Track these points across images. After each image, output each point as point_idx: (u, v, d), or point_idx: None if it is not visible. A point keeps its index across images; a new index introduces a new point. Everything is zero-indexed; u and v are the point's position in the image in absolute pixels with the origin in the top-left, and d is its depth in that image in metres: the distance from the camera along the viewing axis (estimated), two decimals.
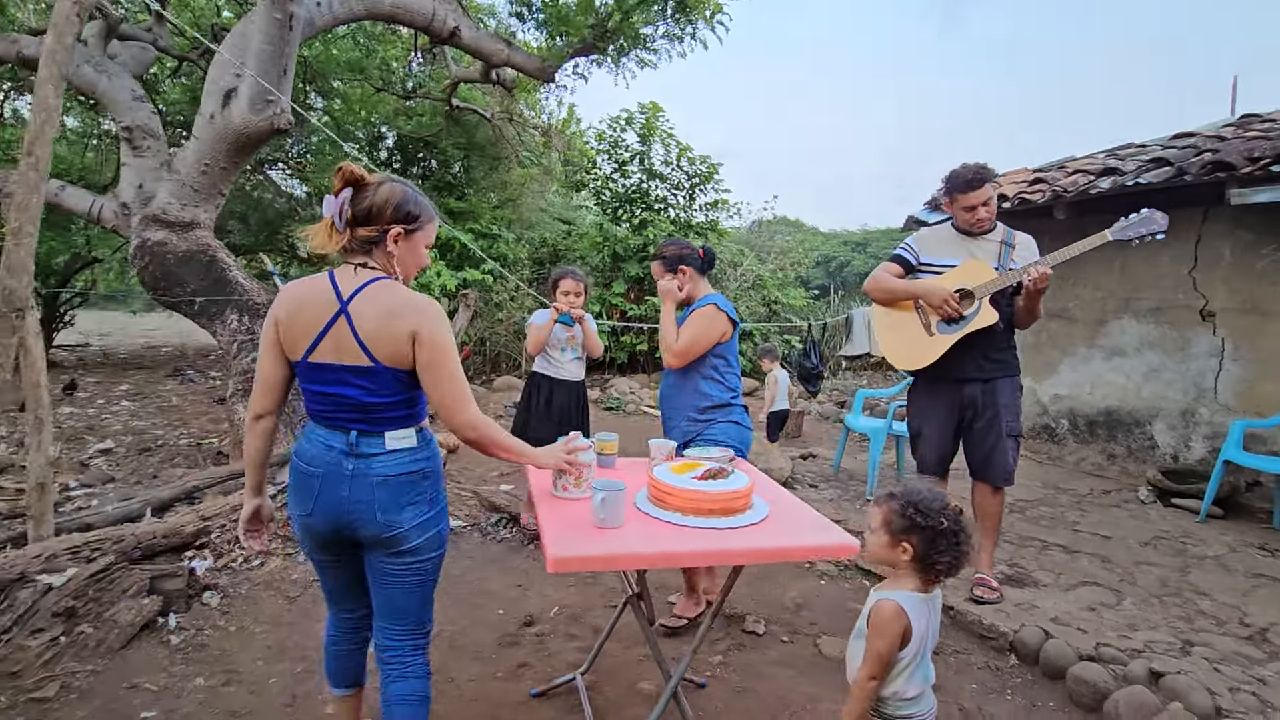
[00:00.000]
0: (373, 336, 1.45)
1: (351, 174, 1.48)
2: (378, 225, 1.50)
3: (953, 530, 1.47)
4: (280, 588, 2.88)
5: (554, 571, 1.51)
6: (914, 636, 1.49)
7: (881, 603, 1.50)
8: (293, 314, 1.49)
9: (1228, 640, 2.54)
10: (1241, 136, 4.23)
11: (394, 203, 1.51)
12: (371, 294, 1.47)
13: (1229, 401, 4.25)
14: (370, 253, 1.52)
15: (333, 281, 1.49)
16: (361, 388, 1.47)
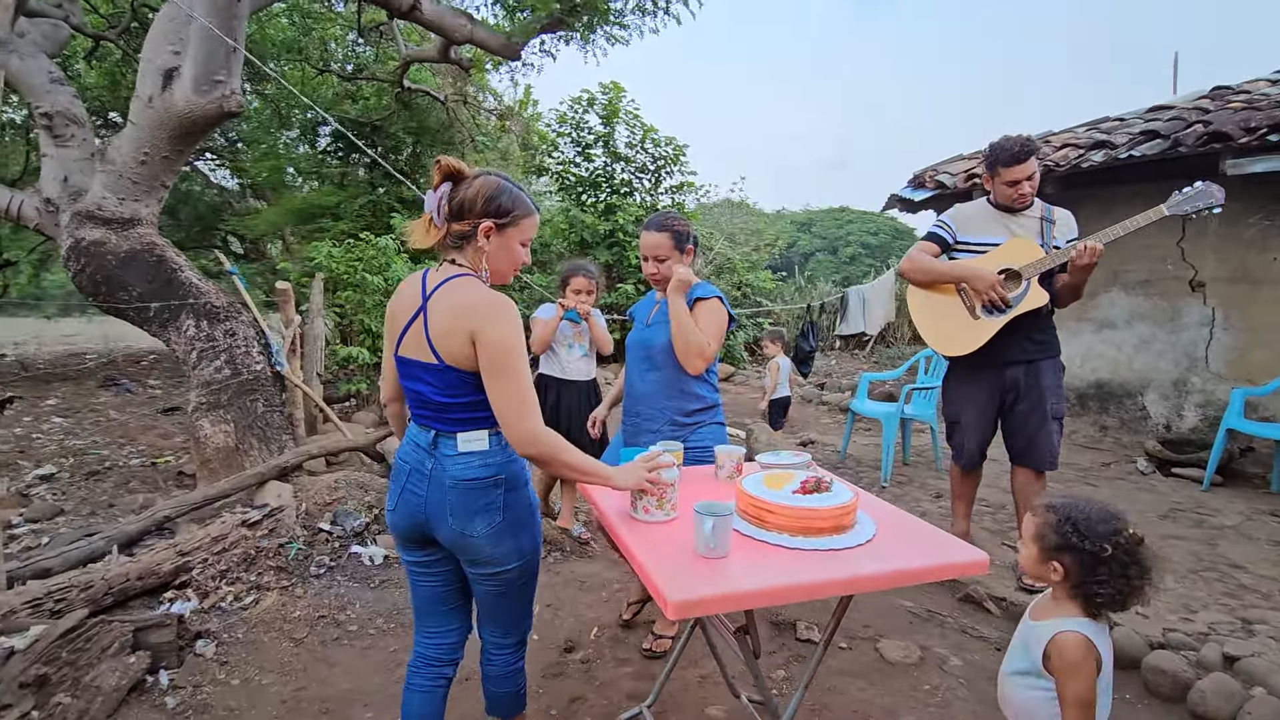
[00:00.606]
0: (440, 335, 1.43)
1: (450, 167, 1.45)
2: (469, 220, 1.46)
3: (1121, 560, 1.29)
4: (283, 628, 2.57)
5: (675, 618, 1.29)
6: (1104, 668, 1.32)
7: (1067, 637, 1.31)
8: (394, 307, 1.53)
9: (1277, 615, 2.53)
10: (1227, 108, 4.28)
11: (485, 196, 1.46)
12: (448, 291, 1.44)
13: (1220, 370, 4.34)
14: (463, 249, 1.49)
15: (424, 277, 1.49)
16: (432, 385, 1.46)
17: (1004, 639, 2.57)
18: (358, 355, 5.94)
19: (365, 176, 10.63)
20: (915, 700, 2.20)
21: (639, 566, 1.43)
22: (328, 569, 3.00)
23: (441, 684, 1.66)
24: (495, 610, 1.59)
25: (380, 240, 6.47)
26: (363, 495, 3.55)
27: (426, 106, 10.17)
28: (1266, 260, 4.13)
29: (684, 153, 9.20)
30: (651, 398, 2.28)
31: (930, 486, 4.10)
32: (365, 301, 6.23)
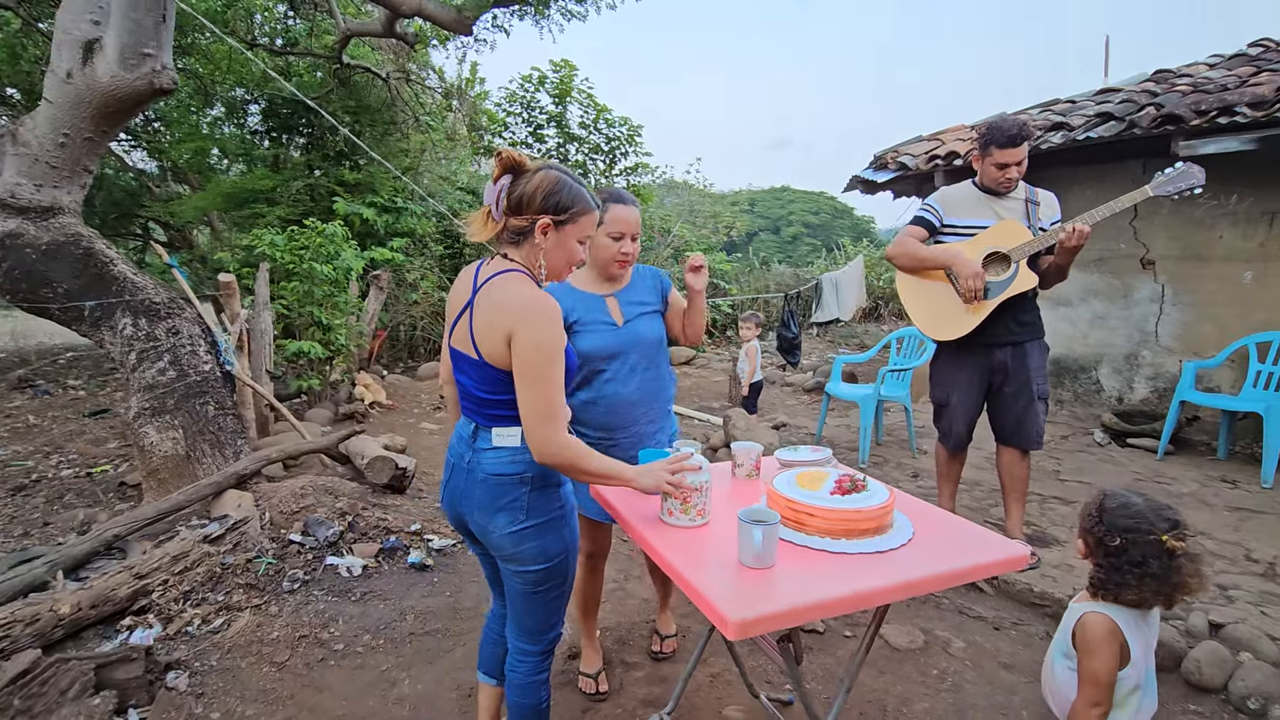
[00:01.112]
0: (480, 330, 1.42)
1: (511, 160, 1.42)
2: (527, 215, 1.43)
3: (1138, 558, 1.34)
4: (261, 651, 2.39)
5: (737, 639, 1.22)
6: (1134, 656, 1.34)
7: (1090, 617, 1.37)
8: (451, 296, 1.55)
9: (1250, 579, 2.67)
10: (1175, 91, 4.44)
11: (544, 191, 1.42)
12: (495, 286, 1.42)
13: (1169, 344, 4.55)
14: (519, 244, 1.47)
15: (477, 270, 1.48)
16: (473, 380, 1.47)
17: (1000, 618, 2.62)
18: (309, 350, 5.63)
19: (301, 159, 10.05)
20: (926, 687, 2.22)
21: (686, 584, 1.35)
22: (302, 583, 2.82)
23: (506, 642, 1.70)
24: (521, 611, 1.57)
25: (328, 227, 6.11)
26: (333, 501, 3.35)
27: (366, 84, 9.67)
28: (1213, 238, 4.33)
29: (639, 133, 9.05)
30: (651, 399, 2.09)
31: (906, 466, 4.17)
32: (314, 292, 5.90)
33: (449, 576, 2.98)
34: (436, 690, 2.20)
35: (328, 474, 4.08)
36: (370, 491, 3.65)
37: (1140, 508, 1.38)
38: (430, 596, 2.81)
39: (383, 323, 8.46)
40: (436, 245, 9.91)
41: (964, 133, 5.59)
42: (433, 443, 5.31)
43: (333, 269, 6.04)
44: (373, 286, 7.68)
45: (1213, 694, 2.12)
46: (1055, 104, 5.44)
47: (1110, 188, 4.72)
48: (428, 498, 3.83)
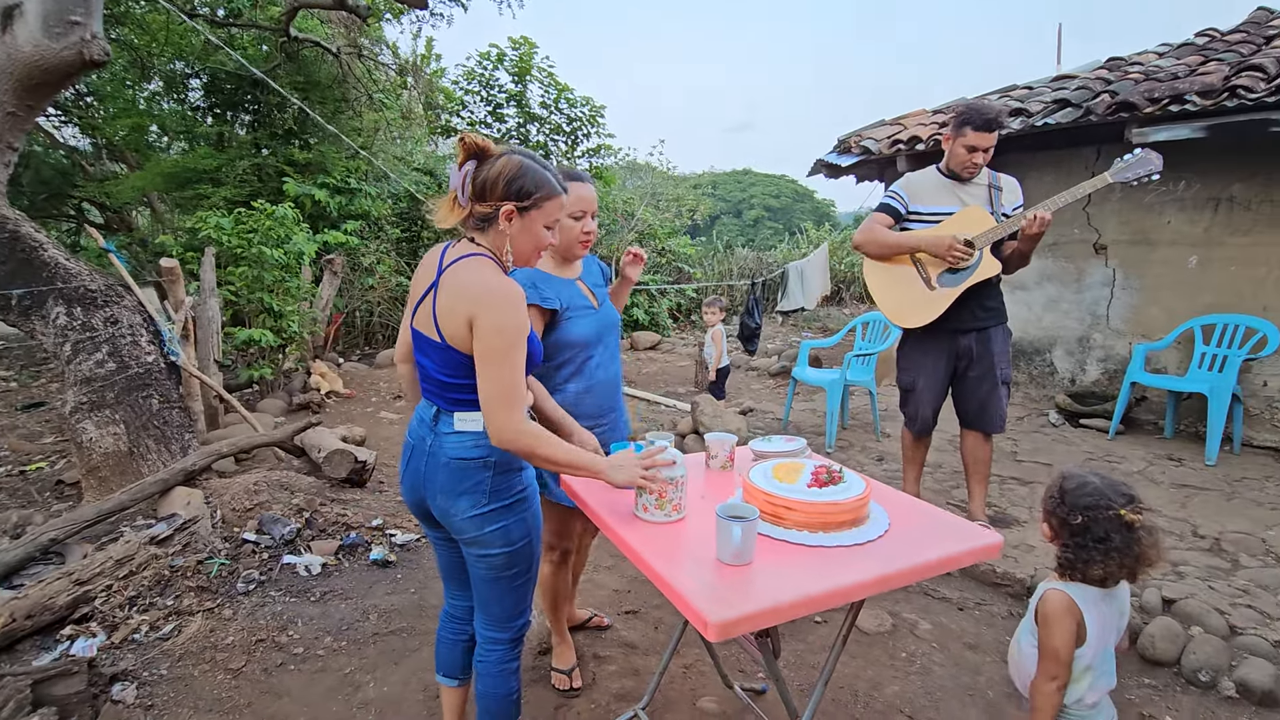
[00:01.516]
0: (443, 313, 1.40)
1: (475, 145, 1.39)
2: (491, 202, 1.41)
3: (1095, 535, 1.37)
4: (215, 658, 2.28)
5: (718, 640, 1.19)
6: (1089, 635, 1.37)
7: (1049, 593, 1.40)
8: (416, 277, 1.52)
9: (1198, 555, 2.78)
10: (1128, 79, 4.53)
11: (506, 177, 1.40)
12: (458, 270, 1.41)
13: (1119, 326, 4.70)
14: (485, 230, 1.45)
15: (443, 252, 1.47)
16: (435, 362, 1.46)
17: (964, 598, 2.67)
18: (260, 338, 5.40)
19: (247, 137, 9.61)
20: (895, 670, 2.25)
21: (663, 583, 1.31)
22: (258, 584, 2.70)
23: (463, 639, 1.72)
24: (486, 597, 1.57)
25: (278, 209, 5.84)
26: (289, 498, 3.22)
27: (315, 59, 9.26)
28: (1162, 223, 4.46)
29: (601, 114, 8.90)
30: (620, 379, 2.14)
31: (871, 450, 4.22)
32: (264, 277, 5.65)
33: (413, 573, 2.90)
34: (403, 692, 2.14)
35: (282, 468, 3.93)
36: (329, 486, 3.53)
37: (1098, 485, 1.41)
38: (394, 594, 2.72)
39: (338, 308, 8.19)
40: (393, 228, 9.62)
41: (925, 117, 5.63)
42: (393, 433, 5.16)
43: (284, 253, 5.79)
44: (326, 271, 7.41)
45: (1166, 667, 2.20)
46: (1014, 89, 5.52)
47: (1067, 173, 4.83)
48: (389, 491, 3.72)
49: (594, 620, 2.48)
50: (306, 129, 9.63)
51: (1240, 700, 2.04)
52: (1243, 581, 2.55)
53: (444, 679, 1.76)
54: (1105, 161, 4.70)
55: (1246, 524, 3.05)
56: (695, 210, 10.93)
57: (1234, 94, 3.71)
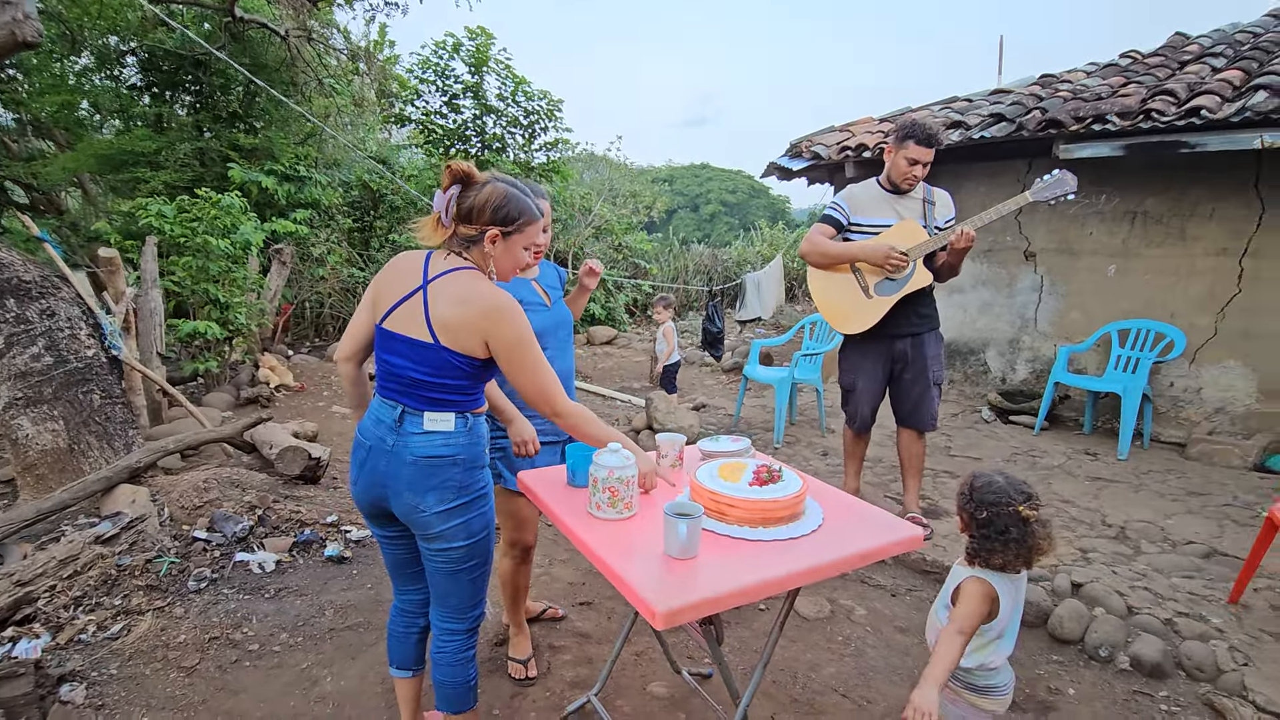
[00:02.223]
0: (443, 320, 1.49)
1: (461, 171, 1.50)
2: (477, 225, 1.52)
3: (998, 528, 1.53)
4: (167, 656, 2.28)
5: (665, 628, 1.30)
6: (1001, 612, 1.54)
7: (975, 580, 1.55)
8: (389, 278, 1.57)
9: (1105, 542, 3.03)
10: (1057, 96, 4.82)
11: (493, 204, 1.52)
12: (454, 281, 1.50)
13: (1046, 329, 5.01)
14: (469, 249, 1.55)
15: (426, 260, 1.55)
16: (414, 362, 1.52)
17: (897, 585, 2.86)
18: (205, 330, 5.26)
19: (189, 119, 9.25)
20: (832, 652, 2.41)
21: (614, 576, 1.41)
22: (209, 582, 2.69)
23: (414, 631, 1.79)
24: (445, 590, 1.65)
25: (224, 198, 5.69)
26: (240, 495, 3.20)
27: (262, 40, 8.97)
28: (1085, 234, 4.78)
29: (559, 108, 8.88)
30: (570, 375, 2.22)
31: (816, 445, 4.41)
32: (210, 268, 5.50)
33: (369, 568, 2.93)
34: (361, 686, 2.19)
35: (232, 465, 3.88)
36: (281, 483, 3.51)
37: (1001, 484, 1.58)
38: (350, 590, 2.76)
39: (287, 299, 8.00)
40: (345, 218, 9.42)
41: (872, 125, 5.85)
42: (345, 428, 5.12)
43: (230, 243, 5.64)
44: (274, 261, 7.24)
45: (1072, 645, 2.42)
46: (954, 101, 5.79)
47: (1001, 183, 5.11)
48: (343, 488, 3.71)
49: (549, 612, 2.57)
50: (253, 112, 9.33)
51: (1133, 673, 2.27)
52: (1142, 566, 2.81)
53: (397, 672, 1.82)
54: (1036, 173, 4.99)
55: (1149, 513, 3.34)
56: (652, 207, 11.02)
57: (1149, 116, 4.01)
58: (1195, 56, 4.88)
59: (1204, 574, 2.74)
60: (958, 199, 5.03)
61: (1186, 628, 2.37)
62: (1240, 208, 4.18)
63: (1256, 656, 2.23)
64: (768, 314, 8.38)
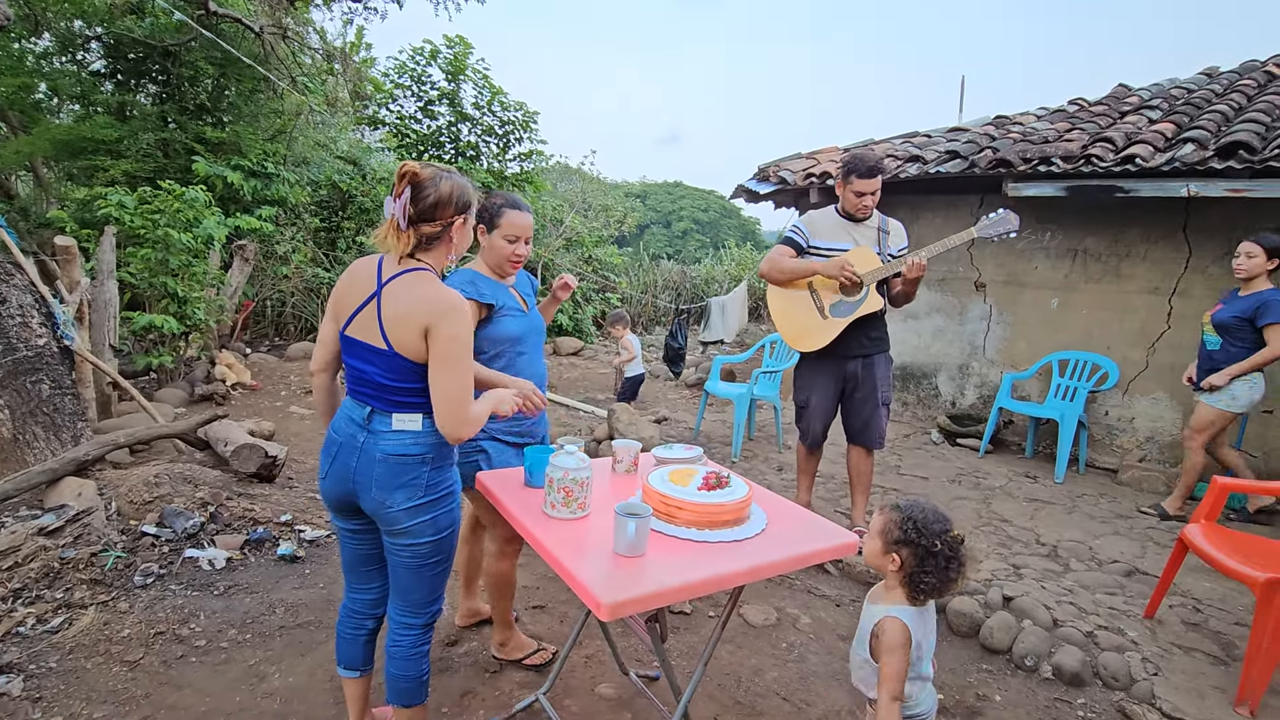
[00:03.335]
0: (392, 322, 1.53)
1: (413, 175, 1.52)
2: (442, 220, 1.56)
3: (945, 555, 1.50)
4: (110, 650, 2.25)
5: (609, 620, 1.36)
6: (913, 645, 1.53)
7: (888, 622, 1.52)
8: (346, 286, 1.61)
9: (1037, 559, 3.20)
10: (1008, 137, 5.10)
11: (456, 195, 1.58)
12: (404, 282, 1.54)
13: (993, 357, 5.25)
14: (431, 249, 1.59)
15: (379, 265, 1.58)
16: (377, 368, 1.56)
17: (841, 595, 2.97)
18: (162, 324, 5.16)
19: (154, 109, 9.06)
20: (776, 658, 2.50)
21: (565, 571, 1.48)
22: (156, 578, 2.66)
23: (363, 633, 1.82)
24: (406, 585, 1.68)
25: (188, 191, 5.60)
26: (192, 491, 3.16)
27: (235, 35, 8.87)
28: (1030, 268, 5.04)
29: (535, 119, 8.97)
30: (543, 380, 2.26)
31: (773, 460, 4.54)
32: (170, 261, 5.40)
33: (322, 568, 2.92)
34: (309, 682, 2.19)
35: (184, 461, 3.82)
36: (235, 480, 3.47)
37: (937, 511, 1.56)
38: (302, 589, 2.75)
39: (248, 296, 7.86)
40: (312, 217, 9.32)
41: (836, 154, 6.08)
42: (304, 428, 5.07)
43: (192, 237, 5.55)
44: (237, 257, 7.12)
45: (1001, 655, 2.56)
46: (915, 136, 6.05)
47: (955, 216, 5.35)
48: (300, 487, 3.69)
49: None
50: (221, 106, 9.19)
51: (1055, 681, 2.41)
52: (1069, 582, 2.97)
53: (345, 671, 1.83)
54: (988, 208, 5.24)
55: (1080, 534, 3.52)
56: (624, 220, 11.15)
57: (1089, 161, 4.28)
58: (1135, 107, 5.22)
59: (1125, 591, 2.92)
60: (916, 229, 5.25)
61: (1105, 640, 2.52)
62: (1171, 250, 4.48)
63: (1166, 667, 2.39)
64: (730, 337, 8.59)
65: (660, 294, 11.51)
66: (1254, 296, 3.48)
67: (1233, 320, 3.53)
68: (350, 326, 1.59)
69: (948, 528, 1.54)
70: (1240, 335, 3.51)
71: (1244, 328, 3.49)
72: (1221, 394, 3.54)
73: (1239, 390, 3.51)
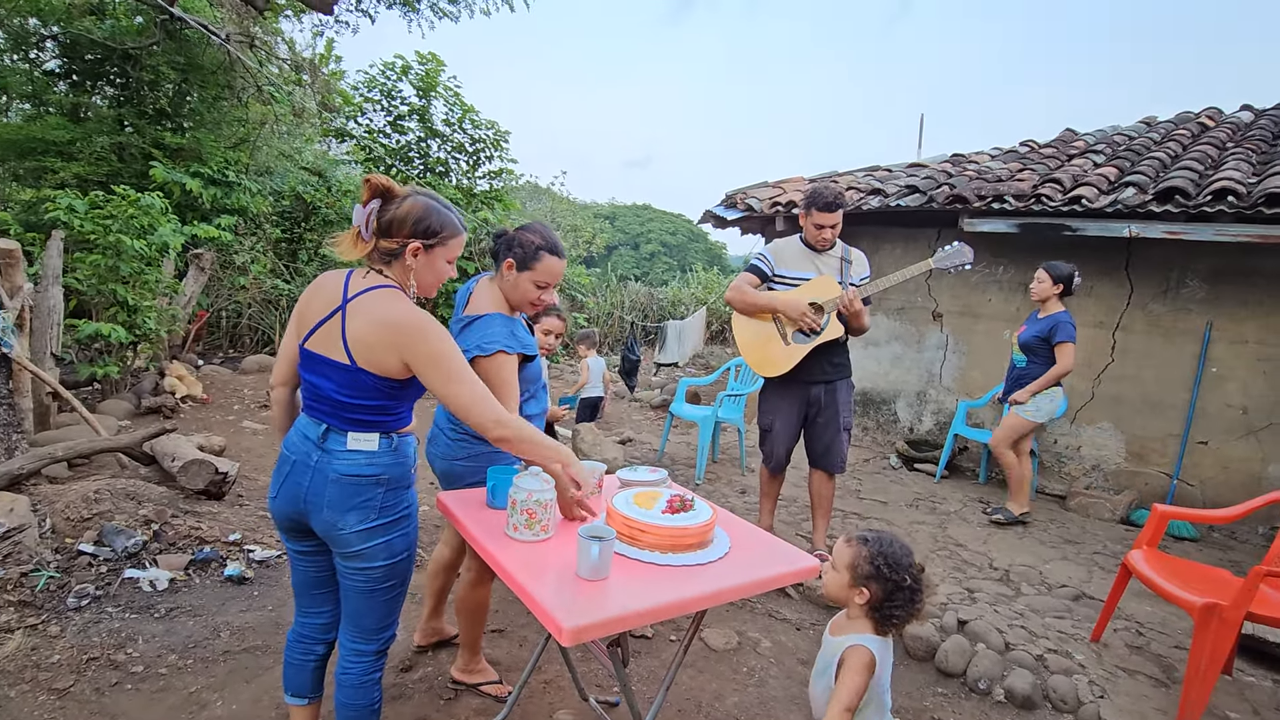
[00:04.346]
0: (357, 339, 1.48)
1: (380, 185, 1.50)
2: (398, 238, 1.53)
3: (912, 589, 1.52)
4: (37, 678, 2.12)
5: (570, 645, 1.35)
6: (879, 673, 1.55)
7: (857, 649, 1.53)
8: (309, 299, 1.57)
9: (990, 584, 3.27)
10: (965, 174, 5.32)
11: (414, 217, 1.53)
12: (371, 300, 1.50)
13: (949, 385, 5.40)
14: (391, 264, 1.56)
15: (346, 279, 1.54)
16: (336, 384, 1.51)
17: (802, 619, 2.99)
18: (110, 332, 4.96)
19: (110, 112, 8.81)
20: (737, 682, 2.49)
21: (525, 595, 1.46)
22: (92, 599, 2.53)
23: (312, 659, 1.75)
24: (358, 610, 1.62)
25: (144, 197, 5.44)
26: (135, 508, 3.03)
27: (200, 41, 8.70)
28: (984, 300, 5.22)
29: (506, 139, 8.99)
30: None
31: (736, 483, 4.56)
32: (121, 268, 5.22)
33: (271, 590, 2.82)
34: (254, 710, 2.10)
35: (127, 476, 3.65)
36: (182, 497, 3.33)
37: (901, 542, 1.58)
38: (249, 611, 2.64)
39: (202, 306, 7.63)
40: (273, 228, 9.13)
41: (802, 184, 6.23)
42: (255, 443, 4.91)
43: (146, 244, 5.38)
44: (192, 266, 6.92)
45: (956, 678, 2.60)
46: (876, 170, 6.26)
47: (914, 248, 5.52)
48: (250, 505, 3.56)
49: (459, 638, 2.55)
50: (182, 112, 8.99)
51: (1007, 704, 2.46)
52: (1021, 606, 3.05)
53: (293, 699, 1.77)
54: (945, 241, 5.43)
55: (1031, 558, 3.62)
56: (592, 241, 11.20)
57: (1039, 200, 4.48)
58: (1081, 151, 5.49)
59: (1073, 614, 3.00)
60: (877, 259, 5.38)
61: (1055, 663, 2.59)
62: (1114, 287, 4.69)
63: (1111, 690, 2.47)
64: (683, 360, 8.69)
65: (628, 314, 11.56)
66: (1050, 318, 3.96)
67: (1034, 340, 4.00)
68: (311, 340, 1.54)
69: (914, 560, 1.56)
70: (1040, 353, 3.99)
71: (1043, 346, 3.96)
72: (1026, 406, 4.02)
73: (1041, 403, 4.01)
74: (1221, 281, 4.32)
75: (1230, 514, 2.68)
